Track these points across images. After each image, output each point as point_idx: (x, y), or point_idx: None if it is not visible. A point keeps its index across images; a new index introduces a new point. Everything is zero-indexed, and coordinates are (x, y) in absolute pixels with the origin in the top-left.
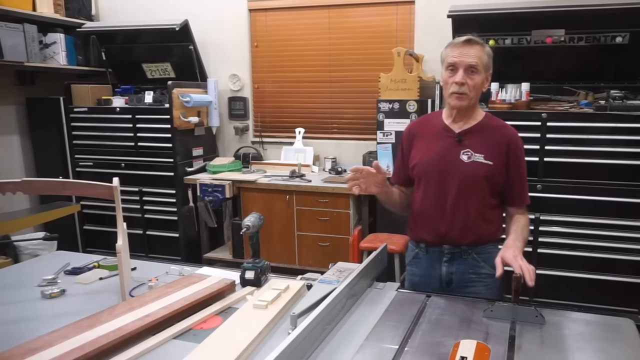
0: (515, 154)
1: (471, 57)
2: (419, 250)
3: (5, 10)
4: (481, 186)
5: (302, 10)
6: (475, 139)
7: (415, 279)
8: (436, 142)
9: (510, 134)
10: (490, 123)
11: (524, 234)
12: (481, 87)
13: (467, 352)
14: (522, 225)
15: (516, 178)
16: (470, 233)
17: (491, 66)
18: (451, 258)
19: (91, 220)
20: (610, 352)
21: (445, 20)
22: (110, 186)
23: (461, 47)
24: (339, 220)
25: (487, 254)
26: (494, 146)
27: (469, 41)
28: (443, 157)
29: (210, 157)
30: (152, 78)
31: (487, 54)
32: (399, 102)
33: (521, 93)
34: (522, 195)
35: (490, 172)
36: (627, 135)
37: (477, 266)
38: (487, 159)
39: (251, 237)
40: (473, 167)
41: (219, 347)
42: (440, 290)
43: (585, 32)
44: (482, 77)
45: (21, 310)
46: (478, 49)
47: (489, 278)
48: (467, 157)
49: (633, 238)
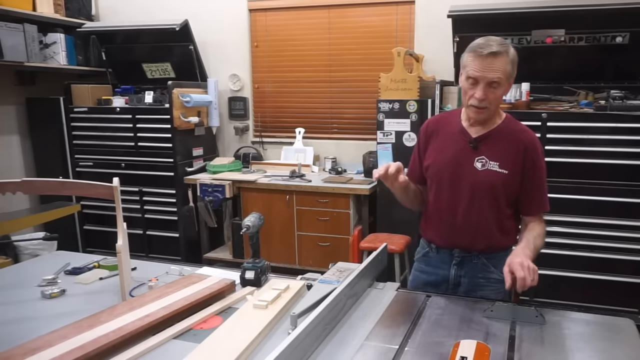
0: (532, 160)
1: (494, 71)
2: (430, 250)
3: (5, 10)
4: (494, 195)
5: (302, 10)
6: (491, 146)
7: (422, 275)
8: (451, 145)
9: (528, 139)
10: (509, 127)
11: (537, 243)
12: (503, 96)
13: (467, 352)
14: (535, 234)
15: (533, 185)
16: (483, 241)
17: (515, 70)
18: (461, 261)
19: (91, 220)
20: (610, 352)
21: (445, 20)
22: (110, 186)
23: (484, 59)
24: (339, 220)
25: (497, 260)
26: (510, 153)
27: (494, 54)
28: (456, 162)
29: (211, 157)
30: (152, 78)
31: (512, 62)
32: (399, 102)
33: (521, 93)
34: (540, 204)
35: (504, 181)
36: (627, 135)
37: (487, 271)
38: (502, 168)
39: (251, 237)
40: (486, 176)
41: (219, 347)
42: (447, 292)
43: (585, 32)
44: (504, 88)
45: (21, 310)
46: (503, 61)
47: (498, 283)
48: (481, 164)
49: (633, 238)
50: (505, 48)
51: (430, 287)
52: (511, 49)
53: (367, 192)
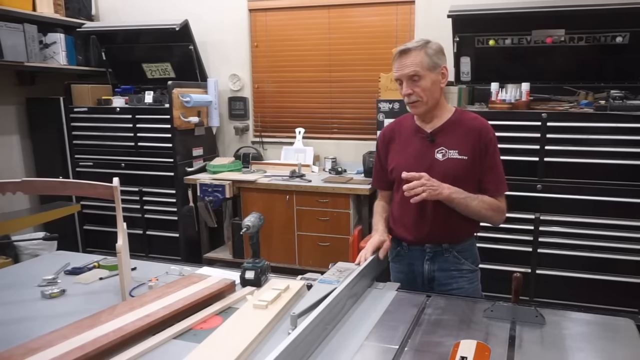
0: (486, 144)
1: (407, 66)
2: (401, 248)
3: (5, 10)
4: (461, 182)
5: (302, 10)
6: (447, 136)
7: (400, 275)
8: (411, 144)
9: (480, 125)
10: (461, 117)
11: (472, 197)
12: (434, 87)
13: (467, 352)
14: (480, 196)
15: (489, 167)
16: (452, 231)
17: (441, 61)
18: (433, 256)
19: (91, 220)
20: (610, 352)
21: (445, 20)
22: (110, 186)
23: (398, 59)
24: (339, 220)
25: (467, 252)
26: (466, 140)
27: (403, 52)
28: (419, 158)
29: (210, 157)
30: (152, 78)
31: (430, 53)
32: (399, 102)
33: (521, 93)
34: (497, 185)
35: (467, 166)
36: (627, 135)
37: (458, 263)
38: (462, 154)
39: (251, 237)
40: (449, 164)
41: (219, 347)
42: (423, 287)
43: (585, 32)
44: (429, 78)
45: (21, 310)
46: (414, 54)
47: (470, 273)
48: (441, 155)
49: (633, 238)
50: (419, 44)
51: (408, 285)
52: (429, 43)
53: (367, 192)
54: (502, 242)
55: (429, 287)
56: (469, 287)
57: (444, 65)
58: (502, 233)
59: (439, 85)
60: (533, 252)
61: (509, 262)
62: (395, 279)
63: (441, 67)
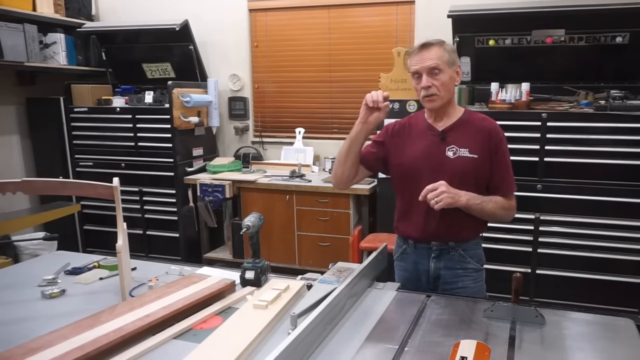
0: (496, 144)
1: (430, 59)
2: (407, 247)
3: (5, 10)
4: (470, 181)
5: (302, 10)
6: (459, 135)
7: (405, 274)
8: (421, 141)
9: (490, 125)
10: (471, 117)
11: (485, 199)
12: (451, 83)
13: (467, 352)
14: (492, 198)
15: (499, 167)
16: (459, 229)
17: (457, 60)
18: (439, 254)
19: (91, 220)
20: (610, 352)
21: (445, 20)
22: (110, 186)
23: (419, 53)
24: (339, 220)
25: (472, 251)
26: (476, 139)
27: (425, 45)
28: (430, 155)
29: (211, 157)
30: (152, 78)
31: (448, 50)
32: (399, 102)
33: (521, 93)
34: (507, 185)
35: (477, 164)
36: (627, 135)
37: (464, 262)
38: (472, 153)
39: (251, 237)
40: (460, 162)
41: (219, 347)
42: (428, 286)
43: (585, 32)
44: (447, 74)
45: (21, 310)
46: (436, 49)
47: (475, 272)
48: (452, 153)
49: (633, 238)
50: (438, 40)
51: (412, 283)
52: (446, 42)
53: (367, 192)
54: (502, 242)
55: (434, 285)
56: (474, 287)
57: (459, 65)
58: (502, 233)
59: (453, 83)
60: (533, 252)
61: (509, 262)
62: (400, 277)
63: (457, 65)
